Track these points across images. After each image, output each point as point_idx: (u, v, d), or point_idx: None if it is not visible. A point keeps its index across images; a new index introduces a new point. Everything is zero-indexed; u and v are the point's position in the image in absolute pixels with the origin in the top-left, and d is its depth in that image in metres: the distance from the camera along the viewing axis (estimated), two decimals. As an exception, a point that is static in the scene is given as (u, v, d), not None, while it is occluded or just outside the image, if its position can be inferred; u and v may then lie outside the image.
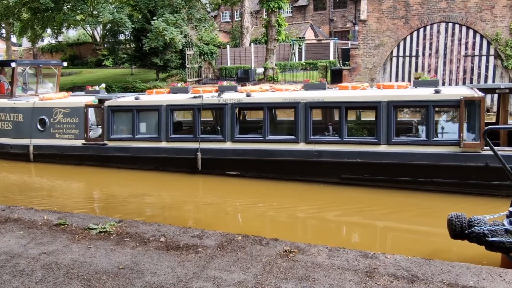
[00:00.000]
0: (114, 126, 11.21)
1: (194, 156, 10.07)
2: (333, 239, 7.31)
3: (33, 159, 12.11)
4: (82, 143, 11.46)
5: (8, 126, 12.63)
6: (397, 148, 8.67)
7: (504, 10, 17.59)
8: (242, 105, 10.14)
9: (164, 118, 10.51)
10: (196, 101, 10.30)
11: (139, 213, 8.42)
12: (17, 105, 12.66)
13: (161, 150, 10.55)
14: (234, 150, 9.79)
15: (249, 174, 9.82)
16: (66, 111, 11.77)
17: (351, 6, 42.93)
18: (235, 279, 3.78)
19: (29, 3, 24.88)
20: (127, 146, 10.91)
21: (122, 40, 32.38)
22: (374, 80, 20.10)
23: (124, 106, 11.21)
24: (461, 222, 5.10)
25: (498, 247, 4.87)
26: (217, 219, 7.96)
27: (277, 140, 9.59)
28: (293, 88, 10.69)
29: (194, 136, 10.26)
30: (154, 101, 10.87)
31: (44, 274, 3.98)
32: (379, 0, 19.52)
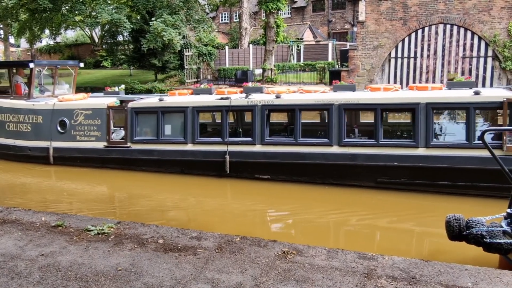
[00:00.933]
0: (137, 128, 10.93)
1: (222, 159, 9.80)
2: (331, 240, 7.31)
3: (53, 162, 11.77)
4: (104, 145, 11.17)
5: (26, 128, 12.28)
6: (436, 151, 8.40)
7: (502, 11, 17.64)
8: (272, 106, 9.80)
9: (190, 120, 10.24)
10: (224, 102, 10.05)
11: (161, 218, 8.19)
12: (36, 106, 12.28)
13: (187, 153, 10.26)
14: (264, 153, 9.54)
15: (280, 178, 9.59)
16: (87, 113, 11.45)
17: (350, 7, 43.03)
18: (234, 281, 3.78)
19: (28, 4, 24.87)
20: (152, 149, 10.62)
21: (120, 41, 32.37)
22: (372, 82, 20.13)
23: (149, 107, 10.89)
24: (459, 223, 5.11)
25: (496, 248, 4.88)
26: (248, 225, 7.77)
27: (310, 142, 9.33)
28: (322, 89, 10.48)
29: (222, 139, 9.98)
30: (180, 102, 10.62)
31: (41, 276, 3.97)
32: (378, 1, 19.57)
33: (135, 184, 10.51)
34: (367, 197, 8.98)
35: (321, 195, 9.10)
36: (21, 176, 11.56)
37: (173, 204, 9.17)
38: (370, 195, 8.99)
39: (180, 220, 8.07)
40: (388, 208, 8.56)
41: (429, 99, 8.57)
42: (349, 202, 8.93)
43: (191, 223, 7.83)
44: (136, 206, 9.05)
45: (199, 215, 8.39)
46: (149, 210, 8.67)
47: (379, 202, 8.76)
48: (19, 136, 12.36)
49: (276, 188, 9.46)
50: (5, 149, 12.64)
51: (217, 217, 8.23)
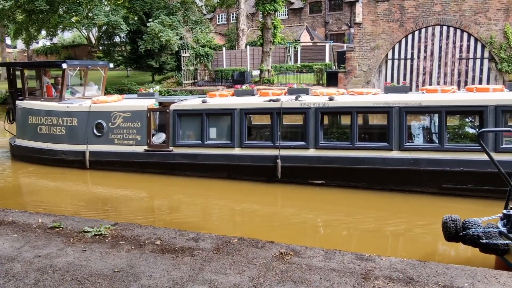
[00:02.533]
0: (180, 131, 10.46)
1: (273, 164, 9.40)
2: (329, 241, 7.31)
3: (89, 167, 11.27)
4: (145, 149, 10.72)
5: (60, 131, 11.76)
6: (506, 156, 7.93)
7: (498, 13, 17.74)
8: (327, 109, 9.37)
9: (238, 122, 9.80)
10: (274, 104, 9.65)
11: (203, 226, 7.73)
12: (71, 108, 11.74)
13: (234, 157, 9.82)
14: (318, 157, 9.14)
15: (335, 183, 9.21)
16: (126, 115, 10.98)
17: (347, 9, 43.16)
18: (231, 282, 3.78)
19: (24, 5, 24.79)
20: (196, 153, 10.15)
21: (117, 42, 32.32)
22: (370, 83, 20.19)
23: (193, 110, 10.42)
24: (456, 224, 5.13)
25: (492, 249, 4.90)
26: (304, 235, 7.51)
27: (368, 147, 8.97)
28: (375, 91, 10.11)
29: (273, 143, 9.56)
30: (226, 104, 10.18)
31: (38, 278, 3.96)
32: (375, 3, 19.63)
33: (178, 190, 10.06)
34: (364, 197, 8.99)
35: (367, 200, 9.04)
36: (56, 181, 11.10)
37: (221, 211, 8.89)
38: (368, 196, 9.00)
39: (224, 230, 7.51)
40: (385, 209, 8.57)
41: (499, 101, 8.18)
42: (346, 203, 8.94)
43: (240, 232, 7.44)
44: (179, 213, 8.68)
45: (250, 223, 8.06)
46: (192, 219, 8.32)
47: (375, 203, 8.78)
48: (52, 140, 11.85)
49: (331, 194, 9.08)
50: (37, 153, 12.11)
51: (275, 225, 7.91)
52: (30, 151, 12.25)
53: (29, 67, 13.98)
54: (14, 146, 12.81)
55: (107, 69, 14.31)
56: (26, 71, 13.22)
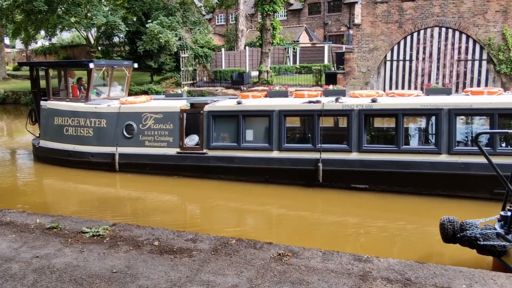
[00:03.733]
0: (215, 134, 10.16)
1: (313, 168, 9.12)
2: (327, 242, 7.32)
3: (118, 169, 10.91)
4: (177, 152, 10.41)
5: (88, 132, 11.43)
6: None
7: (496, 15, 17.78)
8: (371, 111, 9.09)
9: (277, 124, 9.51)
10: (315, 106, 9.37)
11: (239, 233, 7.45)
12: (100, 109, 11.40)
13: (272, 161, 9.54)
14: (362, 161, 8.89)
15: (379, 188, 8.98)
16: (158, 117, 10.66)
17: (346, 10, 43.22)
18: (229, 283, 3.77)
19: (23, 5, 24.78)
20: (232, 156, 9.85)
21: (116, 43, 32.31)
22: (368, 84, 20.21)
23: (228, 111, 10.13)
24: (453, 226, 5.14)
25: (489, 250, 4.91)
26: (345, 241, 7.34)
27: (415, 150, 8.73)
28: (416, 93, 9.89)
29: (313, 145, 9.29)
30: (264, 105, 9.89)
31: (36, 278, 3.95)
32: (373, 4, 19.66)
33: (212, 194, 9.76)
34: (361, 198, 9.00)
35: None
36: (84, 184, 10.76)
37: (258, 216, 8.62)
38: (365, 197, 9.01)
39: (261, 237, 7.25)
40: (383, 210, 8.58)
41: None
42: (344, 204, 8.95)
43: (283, 239, 7.19)
44: (212, 218, 8.50)
45: (287, 229, 7.85)
46: (229, 224, 8.10)
47: (373, 204, 8.78)
48: (79, 141, 11.53)
49: (375, 199, 8.89)
50: (63, 155, 11.76)
51: (319, 230, 7.76)
52: (55, 153, 11.93)
53: (54, 66, 13.69)
54: (38, 147, 12.45)
55: (131, 69, 14.03)
56: (51, 71, 12.93)
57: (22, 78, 40.37)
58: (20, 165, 13.25)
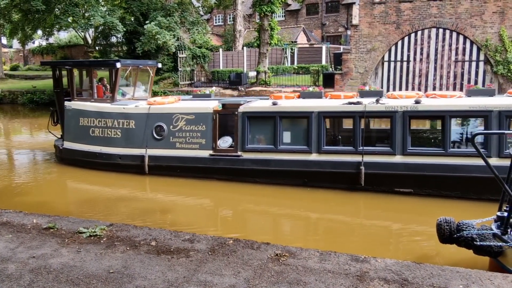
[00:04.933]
0: (250, 135, 9.87)
1: (355, 171, 8.89)
2: (324, 242, 7.32)
3: (148, 172, 10.59)
4: (210, 154, 10.11)
5: (116, 133, 11.12)
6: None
7: (493, 16, 17.84)
8: (415, 113, 8.81)
9: (316, 126, 9.26)
10: (357, 108, 9.10)
11: (275, 239, 7.03)
12: (128, 110, 11.08)
13: (311, 163, 9.27)
14: (406, 164, 8.62)
15: (425, 192, 8.71)
16: (190, 118, 10.36)
17: (343, 10, 43.30)
18: (226, 283, 3.77)
19: (20, 5, 24.72)
20: (268, 159, 9.58)
21: (114, 43, 32.26)
22: (366, 85, 20.24)
23: (264, 112, 9.84)
24: (450, 226, 5.16)
25: (486, 251, 4.93)
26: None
27: (463, 153, 8.42)
28: (459, 94, 9.66)
29: (355, 148, 9.04)
30: (302, 107, 9.64)
31: (32, 279, 3.94)
32: (371, 5, 19.70)
33: (247, 198, 9.51)
34: (359, 199, 9.01)
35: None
36: (113, 187, 10.46)
37: (296, 221, 8.40)
38: (362, 197, 9.02)
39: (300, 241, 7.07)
40: (380, 211, 8.59)
41: None
42: (341, 205, 8.96)
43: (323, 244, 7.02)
44: (247, 224, 8.32)
45: (330, 234, 7.69)
46: (263, 228, 7.95)
47: (370, 205, 8.80)
48: (106, 143, 11.22)
49: (419, 203, 8.67)
50: (88, 157, 11.44)
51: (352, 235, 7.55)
52: (80, 155, 11.60)
53: (78, 66, 13.39)
54: (63, 149, 12.11)
55: (155, 69, 13.74)
56: (75, 71, 12.67)
57: (19, 78, 40.28)
58: (44, 168, 12.68)
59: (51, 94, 30.02)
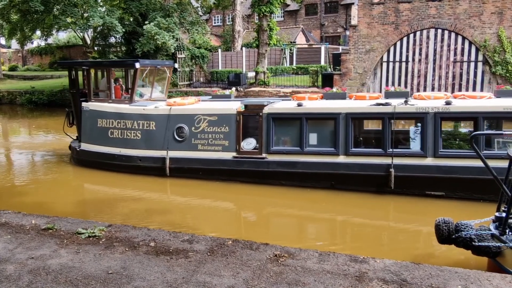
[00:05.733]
0: (275, 137, 9.70)
1: (384, 173, 8.73)
2: (323, 243, 7.32)
3: (169, 174, 10.38)
4: (233, 156, 9.95)
5: (135, 135, 10.92)
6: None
7: (492, 17, 17.87)
8: (447, 114, 8.59)
9: (343, 128, 9.11)
10: (386, 109, 8.96)
11: (301, 243, 6.97)
12: (148, 111, 10.87)
13: (339, 166, 9.14)
14: (438, 166, 8.44)
15: (457, 195, 8.48)
16: (212, 119, 10.18)
17: (342, 11, 43.32)
18: (225, 284, 3.77)
19: (19, 5, 24.68)
20: (294, 161, 9.41)
21: (113, 43, 32.22)
22: (365, 85, 20.26)
23: (290, 113, 9.68)
24: (449, 227, 5.16)
25: (484, 251, 4.94)
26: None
27: (498, 156, 8.06)
28: (489, 95, 9.44)
29: (384, 150, 8.86)
30: (329, 108, 9.49)
31: (31, 279, 3.94)
32: (370, 5, 19.72)
33: (273, 201, 9.34)
34: (357, 200, 9.01)
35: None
36: (134, 190, 10.23)
37: (321, 224, 8.26)
38: (360, 198, 9.02)
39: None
40: (378, 212, 8.60)
41: None
42: (340, 206, 8.96)
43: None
44: (271, 228, 8.17)
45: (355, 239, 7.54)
46: (289, 232, 7.82)
47: (369, 205, 8.80)
48: (126, 144, 11.02)
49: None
50: (107, 159, 11.24)
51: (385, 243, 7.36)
52: (99, 157, 11.41)
53: (96, 66, 13.20)
54: (80, 151, 11.91)
55: (171, 69, 13.53)
56: (92, 71, 12.52)
57: (17, 78, 40.24)
58: (61, 170, 12.38)
59: (50, 95, 30.06)
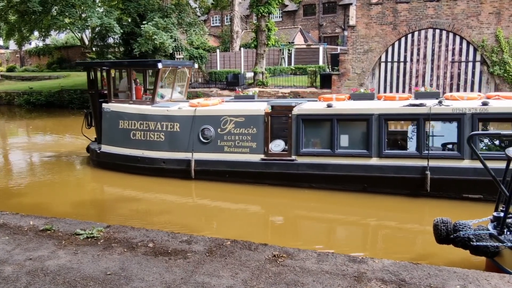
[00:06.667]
0: (304, 139, 9.54)
1: (420, 176, 8.57)
2: (322, 243, 7.32)
3: (194, 177, 10.21)
4: (261, 158, 9.77)
5: (159, 137, 10.73)
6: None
7: (490, 17, 17.91)
8: (485, 115, 8.37)
9: (376, 129, 8.96)
10: (420, 109, 8.77)
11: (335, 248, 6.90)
12: (172, 112, 10.66)
13: (372, 168, 8.98)
14: (476, 169, 8.14)
15: (495, 198, 8.40)
16: (239, 120, 9.99)
17: (340, 11, 43.38)
18: (224, 285, 3.77)
19: (17, 6, 24.63)
20: (325, 163, 9.25)
21: (111, 44, 32.20)
22: (363, 86, 20.28)
23: (320, 114, 9.52)
24: (447, 226, 5.17)
25: (482, 251, 4.95)
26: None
27: None
28: None
29: (419, 152, 8.70)
30: (361, 109, 9.33)
31: (29, 281, 3.93)
32: (368, 6, 19.74)
33: (301, 203, 9.12)
34: (355, 200, 9.02)
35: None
36: (159, 193, 10.11)
37: (353, 228, 8.07)
38: (358, 198, 9.03)
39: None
40: (376, 212, 8.60)
41: None
42: (337, 206, 8.96)
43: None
44: (301, 232, 8.01)
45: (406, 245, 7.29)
46: (321, 235, 7.69)
47: (367, 206, 8.81)
48: (149, 146, 10.83)
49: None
50: (129, 161, 11.04)
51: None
52: (120, 159, 11.22)
53: (117, 67, 12.95)
54: (100, 153, 11.70)
55: (191, 70, 13.22)
56: (113, 72, 12.30)
57: (15, 79, 40.16)
58: (81, 173, 12.32)
59: (48, 95, 30.01)
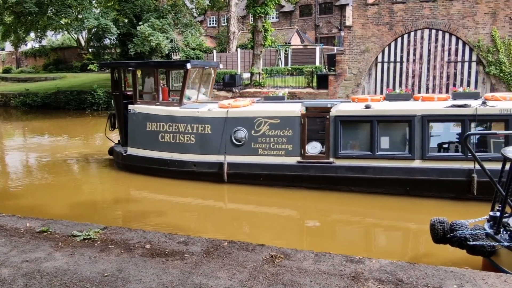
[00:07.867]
0: (343, 141, 9.34)
1: (466, 179, 8.35)
2: (320, 243, 7.33)
3: (227, 180, 10.00)
4: (298, 161, 9.58)
5: (189, 139, 10.48)
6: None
7: (485, 17, 17.98)
8: None
9: (419, 131, 8.75)
10: (466, 110, 8.53)
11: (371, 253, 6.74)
12: (203, 114, 10.46)
13: (414, 171, 8.76)
14: None
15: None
16: (274, 122, 9.76)
17: (337, 12, 43.43)
18: (221, 286, 3.76)
19: (13, 7, 24.55)
20: (365, 166, 9.05)
21: (107, 45, 32.15)
22: (360, 86, 20.32)
23: (359, 116, 9.29)
24: (443, 226, 5.19)
25: (479, 251, 4.96)
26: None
27: None
28: None
29: (465, 154, 8.42)
30: (403, 110, 9.12)
31: (26, 283, 3.91)
32: (364, 6, 19.78)
33: (342, 208, 8.93)
34: (354, 200, 9.03)
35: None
36: (190, 197, 9.88)
37: (394, 232, 7.94)
38: (358, 199, 9.04)
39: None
40: (375, 212, 8.62)
41: None
42: (337, 206, 8.97)
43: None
44: (338, 236, 7.83)
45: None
46: (359, 242, 7.49)
47: (365, 205, 8.82)
48: (179, 149, 10.59)
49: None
50: (158, 164, 10.79)
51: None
52: (148, 162, 10.97)
53: (143, 67, 12.69)
54: (127, 155, 11.45)
55: (216, 70, 13.15)
56: (139, 72, 12.07)
57: (11, 81, 40.00)
58: (107, 176, 12.05)
59: (44, 97, 29.91)
